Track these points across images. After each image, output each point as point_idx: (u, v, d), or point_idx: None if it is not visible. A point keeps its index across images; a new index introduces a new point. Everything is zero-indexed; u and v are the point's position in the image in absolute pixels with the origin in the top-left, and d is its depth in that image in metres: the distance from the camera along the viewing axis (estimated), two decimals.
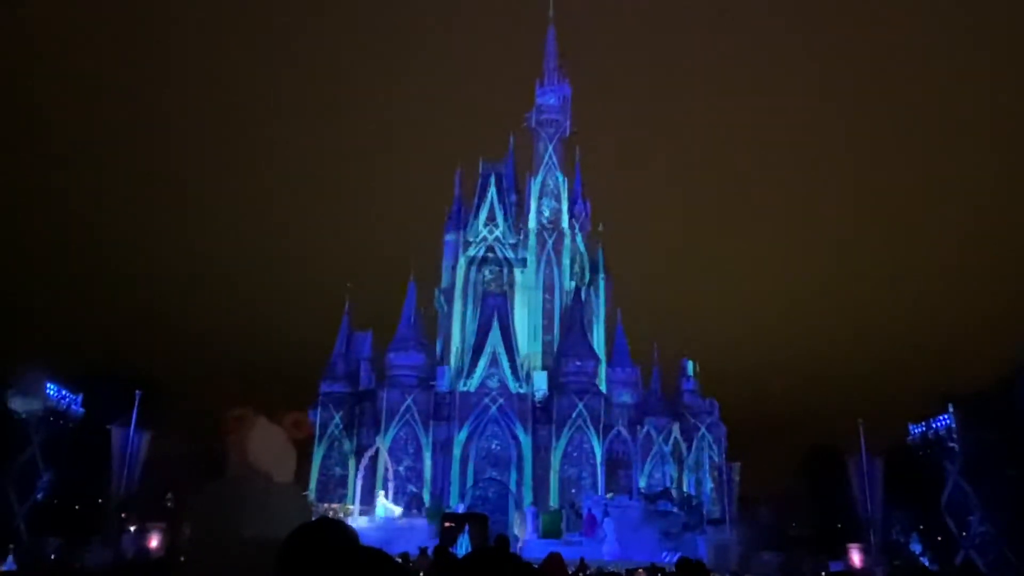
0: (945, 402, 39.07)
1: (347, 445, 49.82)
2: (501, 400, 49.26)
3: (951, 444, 37.33)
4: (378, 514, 44.14)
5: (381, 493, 45.26)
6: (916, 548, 42.86)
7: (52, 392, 36.22)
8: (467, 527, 29.67)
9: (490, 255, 57.77)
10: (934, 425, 39.32)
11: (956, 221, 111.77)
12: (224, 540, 2.63)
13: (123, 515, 33.48)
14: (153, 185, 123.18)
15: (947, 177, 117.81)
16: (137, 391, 31.74)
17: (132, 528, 33.97)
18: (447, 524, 27.91)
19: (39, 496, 33.67)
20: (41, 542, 31.90)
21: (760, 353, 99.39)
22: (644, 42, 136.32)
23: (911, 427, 41.62)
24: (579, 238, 59.87)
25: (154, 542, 31.62)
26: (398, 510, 43.87)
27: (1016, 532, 33.19)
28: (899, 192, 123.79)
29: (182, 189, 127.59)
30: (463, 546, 29.53)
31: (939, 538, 40.16)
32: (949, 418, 38.08)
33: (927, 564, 39.85)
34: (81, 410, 38.30)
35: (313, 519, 2.35)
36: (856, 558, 33.96)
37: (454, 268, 57.22)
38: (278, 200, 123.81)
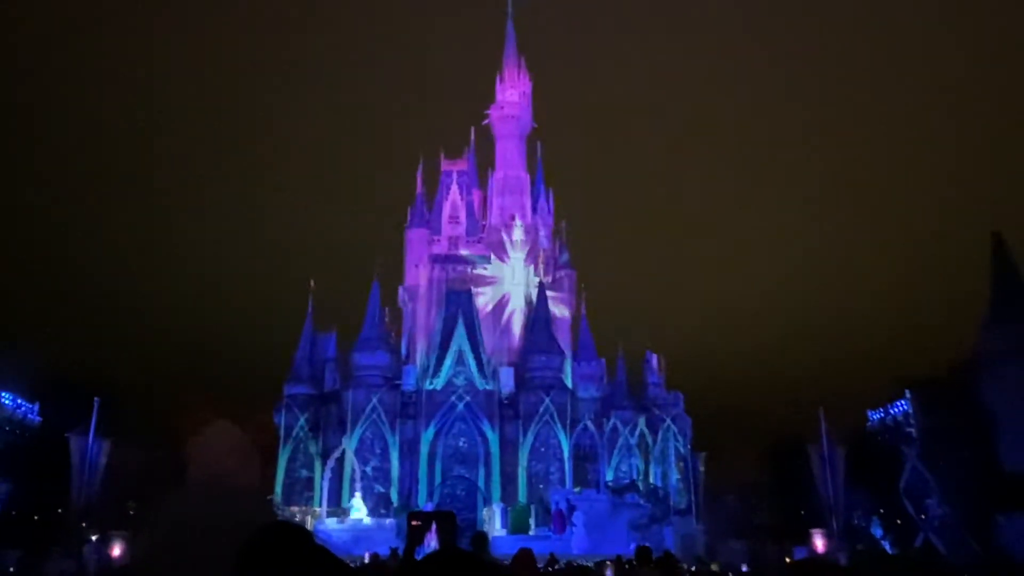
0: (902, 388, 39.95)
1: (313, 447, 49.40)
2: (468, 397, 49.25)
3: (908, 429, 38.20)
4: (353, 516, 44.04)
5: (358, 495, 45.00)
6: (877, 532, 43.76)
7: (7, 401, 35.45)
8: (434, 525, 29.60)
9: (453, 252, 57.70)
10: (892, 411, 40.22)
11: (912, 214, 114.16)
12: (184, 546, 2.61)
13: (84, 524, 32.84)
14: (109, 184, 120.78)
15: (905, 172, 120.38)
16: (95, 398, 31.18)
17: (94, 537, 33.33)
18: (413, 523, 27.78)
19: None
20: (0, 554, 31.18)
21: (723, 344, 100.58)
22: (604, 35, 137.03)
23: (870, 413, 42.51)
24: (542, 233, 60.03)
25: (116, 551, 31.02)
26: (363, 512, 43.83)
27: (973, 513, 34.04)
28: (857, 186, 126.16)
29: (141, 189, 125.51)
30: (431, 545, 29.45)
31: (899, 521, 41.05)
32: (906, 404, 38.96)
33: (888, 548, 40.70)
34: (38, 419, 37.53)
35: (273, 522, 2.34)
36: (819, 544, 34.56)
37: (417, 266, 57.02)
38: (238, 200, 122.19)
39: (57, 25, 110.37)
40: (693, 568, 26.85)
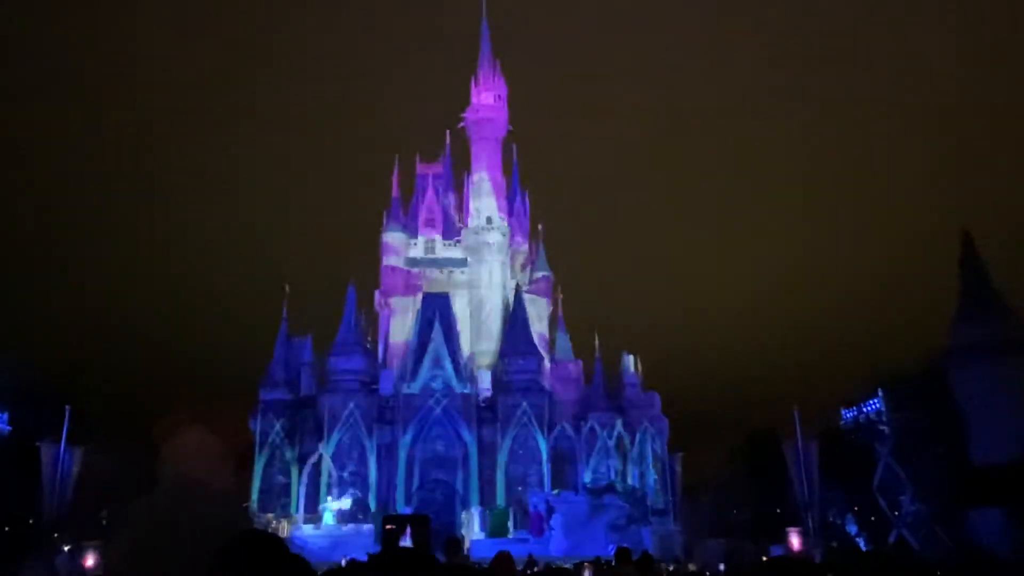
0: (875, 386, 40.42)
1: (289, 453, 49.01)
2: (445, 401, 49.11)
3: (881, 427, 38.66)
4: (326, 520, 43.95)
5: (329, 499, 44.90)
6: (852, 529, 44.25)
7: None
8: (409, 528, 29.44)
9: (429, 255, 57.59)
10: (865, 409, 40.68)
11: (884, 213, 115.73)
12: (156, 551, 2.58)
13: (56, 534, 32.37)
14: (82, 188, 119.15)
15: (878, 171, 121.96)
16: (67, 406, 30.78)
17: (66, 547, 32.86)
18: (387, 527, 27.61)
19: None
20: None
21: (698, 344, 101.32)
22: (580, 37, 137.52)
23: (843, 412, 42.97)
24: (519, 235, 60.12)
25: (90, 561, 30.58)
26: (347, 503, 44.01)
27: (945, 509, 34.54)
28: (830, 186, 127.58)
29: (113, 195, 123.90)
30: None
31: (872, 518, 41.54)
32: (879, 402, 39.44)
33: (863, 544, 41.18)
34: (7, 428, 36.94)
35: (244, 530, 2.34)
36: (795, 541, 34.84)
37: (393, 269, 56.85)
38: (213, 203, 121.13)
39: (28, 21, 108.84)
40: (671, 568, 27.02)
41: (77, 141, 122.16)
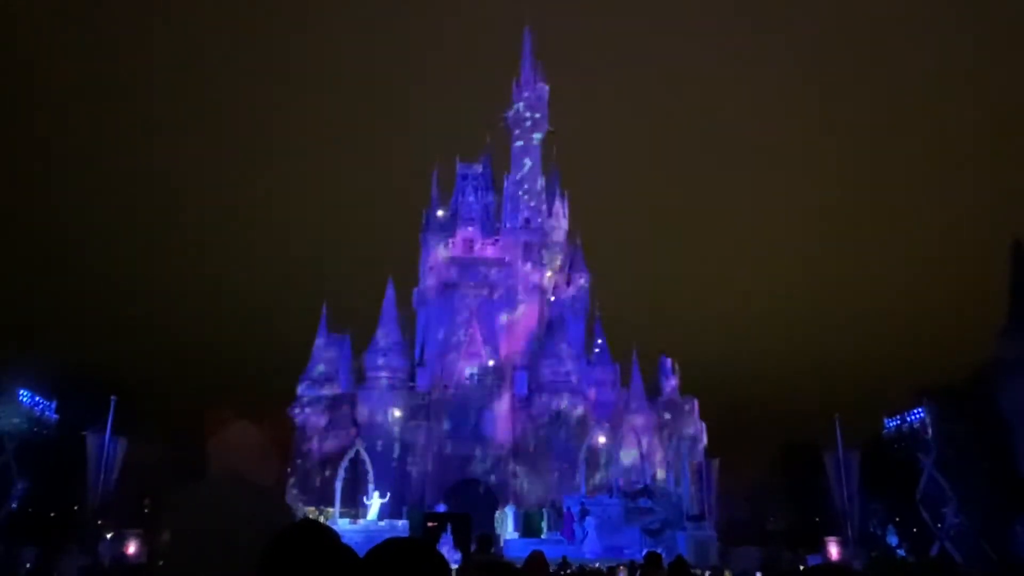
0: (919, 396, 39.57)
1: (326, 448, 49.57)
2: (481, 400, 49.26)
3: (925, 437, 37.82)
4: (371, 515, 44.27)
5: (376, 494, 45.20)
6: (892, 540, 43.40)
7: (25, 399, 35.76)
8: (449, 526, 29.52)
9: (468, 254, 57.74)
10: (909, 419, 39.85)
11: (931, 217, 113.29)
12: (204, 541, 2.63)
13: (99, 522, 33.10)
14: (126, 184, 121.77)
15: (924, 173, 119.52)
16: (112, 396, 31.47)
17: (109, 535, 33.60)
18: (429, 524, 27.76)
19: (13, 505, 33.17)
20: (16, 552, 31.43)
21: (738, 348, 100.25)
22: (620, 39, 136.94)
23: (886, 421, 42.15)
24: (557, 236, 59.98)
25: (131, 548, 31.28)
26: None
27: (989, 522, 33.70)
28: (876, 188, 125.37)
29: (157, 190, 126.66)
30: (446, 545, 29.51)
31: (915, 530, 40.68)
32: (923, 411, 38.59)
33: (903, 556, 40.37)
34: (55, 416, 37.84)
35: (296, 522, 2.36)
36: (834, 551, 34.32)
37: (432, 268, 57.14)
38: (255, 201, 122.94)
39: (71, 24, 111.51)
40: (707, 574, 26.73)
41: (125, 142, 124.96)
